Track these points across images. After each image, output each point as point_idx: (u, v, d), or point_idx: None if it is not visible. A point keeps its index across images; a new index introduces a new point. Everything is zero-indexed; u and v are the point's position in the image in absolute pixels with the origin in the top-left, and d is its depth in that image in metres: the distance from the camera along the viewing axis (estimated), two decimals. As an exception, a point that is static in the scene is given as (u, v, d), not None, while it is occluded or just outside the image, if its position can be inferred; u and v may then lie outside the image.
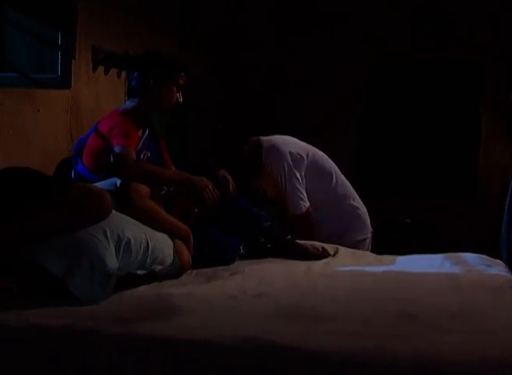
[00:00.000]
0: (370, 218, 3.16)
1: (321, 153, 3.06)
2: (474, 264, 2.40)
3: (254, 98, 4.53)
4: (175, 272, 2.08)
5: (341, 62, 4.48)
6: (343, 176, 3.09)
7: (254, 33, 4.49)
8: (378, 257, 2.70)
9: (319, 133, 4.24)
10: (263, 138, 2.97)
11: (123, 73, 3.37)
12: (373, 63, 4.54)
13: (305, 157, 2.94)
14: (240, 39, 4.48)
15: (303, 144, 3.03)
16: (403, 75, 4.57)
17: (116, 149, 2.27)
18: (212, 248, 2.35)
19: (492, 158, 4.53)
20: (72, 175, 2.48)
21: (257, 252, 2.56)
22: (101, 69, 3.37)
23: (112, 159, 2.28)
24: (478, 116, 4.55)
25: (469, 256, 2.52)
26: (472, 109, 4.57)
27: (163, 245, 2.07)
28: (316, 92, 4.49)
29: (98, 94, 3.37)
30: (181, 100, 2.49)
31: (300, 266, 2.36)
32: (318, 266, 2.41)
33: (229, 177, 2.60)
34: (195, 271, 2.19)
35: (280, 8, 4.51)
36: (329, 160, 3.06)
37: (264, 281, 2.05)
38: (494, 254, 2.63)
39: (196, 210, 2.37)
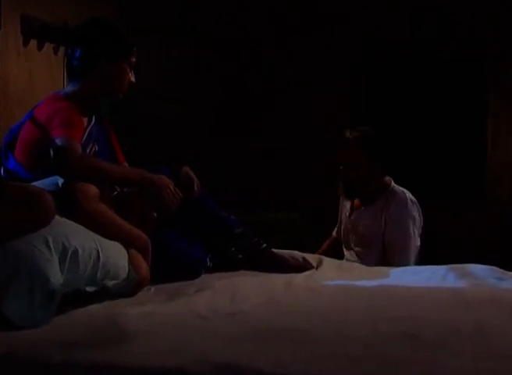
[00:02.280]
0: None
1: None
2: (483, 277, 2.44)
3: (254, 98, 4.91)
4: (131, 288, 2.09)
5: (341, 62, 4.81)
6: None
7: (254, 34, 4.87)
8: (370, 269, 2.75)
9: (319, 132, 4.62)
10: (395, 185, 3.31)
11: (61, 49, 3.36)
12: (372, 61, 4.86)
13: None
14: (240, 39, 4.87)
15: None
16: (403, 73, 4.86)
17: (58, 141, 2.26)
18: (174, 260, 2.36)
19: (501, 152, 4.65)
20: (2, 173, 2.46)
21: (227, 264, 2.58)
22: (33, 43, 3.33)
23: (52, 154, 2.26)
24: (483, 103, 4.68)
25: (477, 268, 2.57)
26: (476, 98, 4.70)
27: (116, 256, 2.07)
28: (316, 92, 4.85)
29: (31, 74, 3.33)
30: (134, 80, 2.51)
31: (278, 280, 2.37)
32: (299, 279, 2.43)
33: (193, 175, 2.61)
34: (154, 287, 2.19)
35: (280, 8, 4.89)
36: None
37: (238, 297, 2.06)
38: (503, 262, 2.69)
39: (155, 214, 2.39)
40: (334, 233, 3.57)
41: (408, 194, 3.25)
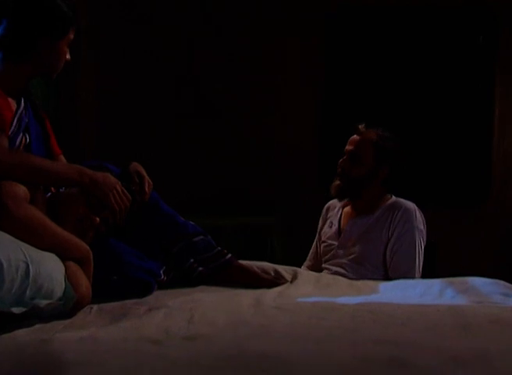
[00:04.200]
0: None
1: None
2: (486, 293, 2.46)
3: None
4: (67, 308, 2.06)
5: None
6: None
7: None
8: (354, 283, 2.77)
9: (294, 128, 5.02)
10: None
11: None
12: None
13: None
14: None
15: None
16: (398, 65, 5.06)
17: (-21, 132, 2.24)
18: (121, 274, 2.36)
19: (507, 156, 4.73)
20: None
21: (185, 278, 2.59)
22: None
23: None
24: (490, 91, 4.76)
25: (479, 282, 2.59)
26: (482, 86, 4.78)
27: (51, 270, 2.04)
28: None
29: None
30: (69, 57, 2.53)
31: (245, 297, 2.38)
32: (270, 296, 2.44)
33: (144, 172, 2.61)
34: (96, 306, 2.18)
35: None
36: None
37: (198, 318, 2.05)
38: (509, 275, 2.72)
39: (98, 220, 2.36)
40: (307, 262, 3.59)
41: (414, 205, 3.35)
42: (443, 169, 4.94)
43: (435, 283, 2.59)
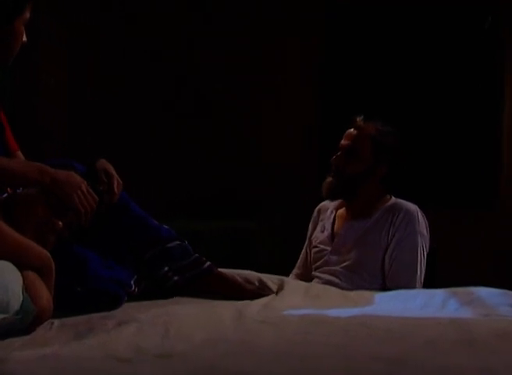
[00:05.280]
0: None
1: None
2: (493, 304, 2.46)
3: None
4: (26, 323, 2.04)
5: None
6: None
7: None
8: (348, 294, 2.78)
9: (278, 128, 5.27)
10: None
11: None
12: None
13: None
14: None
15: None
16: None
17: None
18: (87, 284, 2.34)
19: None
20: None
21: (159, 289, 2.58)
22: None
23: None
24: (497, 93, 4.81)
25: (485, 292, 2.59)
26: (488, 86, 4.90)
27: (6, 281, 2.02)
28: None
29: None
30: (26, 40, 2.51)
31: (226, 310, 2.37)
32: (253, 309, 2.43)
33: (113, 170, 2.59)
34: (58, 321, 2.15)
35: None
36: None
37: (172, 334, 2.04)
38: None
39: (60, 224, 2.34)
40: (296, 271, 3.59)
41: (416, 207, 3.35)
42: (446, 167, 4.97)
43: (438, 294, 2.59)
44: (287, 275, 3.44)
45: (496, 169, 4.92)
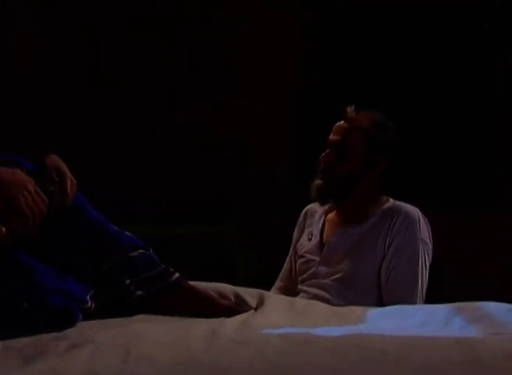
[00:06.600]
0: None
1: None
2: (503, 322, 2.46)
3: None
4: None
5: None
6: None
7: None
8: (338, 310, 2.75)
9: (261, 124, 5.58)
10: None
11: None
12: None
13: None
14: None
15: None
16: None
17: None
18: (34, 300, 2.30)
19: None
20: None
21: (119, 305, 2.56)
22: None
23: None
24: (497, 93, 4.96)
25: (495, 308, 2.59)
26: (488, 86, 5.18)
27: None
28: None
29: None
30: None
31: (198, 329, 2.35)
32: (229, 327, 2.43)
33: (65, 168, 2.57)
34: (1, 344, 2.12)
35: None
36: None
37: (135, 356, 2.02)
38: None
39: (3, 230, 2.31)
40: (279, 283, 3.57)
41: (417, 210, 3.33)
42: (446, 166, 5.16)
43: (441, 310, 2.59)
44: (269, 289, 3.41)
45: (497, 169, 5.10)
